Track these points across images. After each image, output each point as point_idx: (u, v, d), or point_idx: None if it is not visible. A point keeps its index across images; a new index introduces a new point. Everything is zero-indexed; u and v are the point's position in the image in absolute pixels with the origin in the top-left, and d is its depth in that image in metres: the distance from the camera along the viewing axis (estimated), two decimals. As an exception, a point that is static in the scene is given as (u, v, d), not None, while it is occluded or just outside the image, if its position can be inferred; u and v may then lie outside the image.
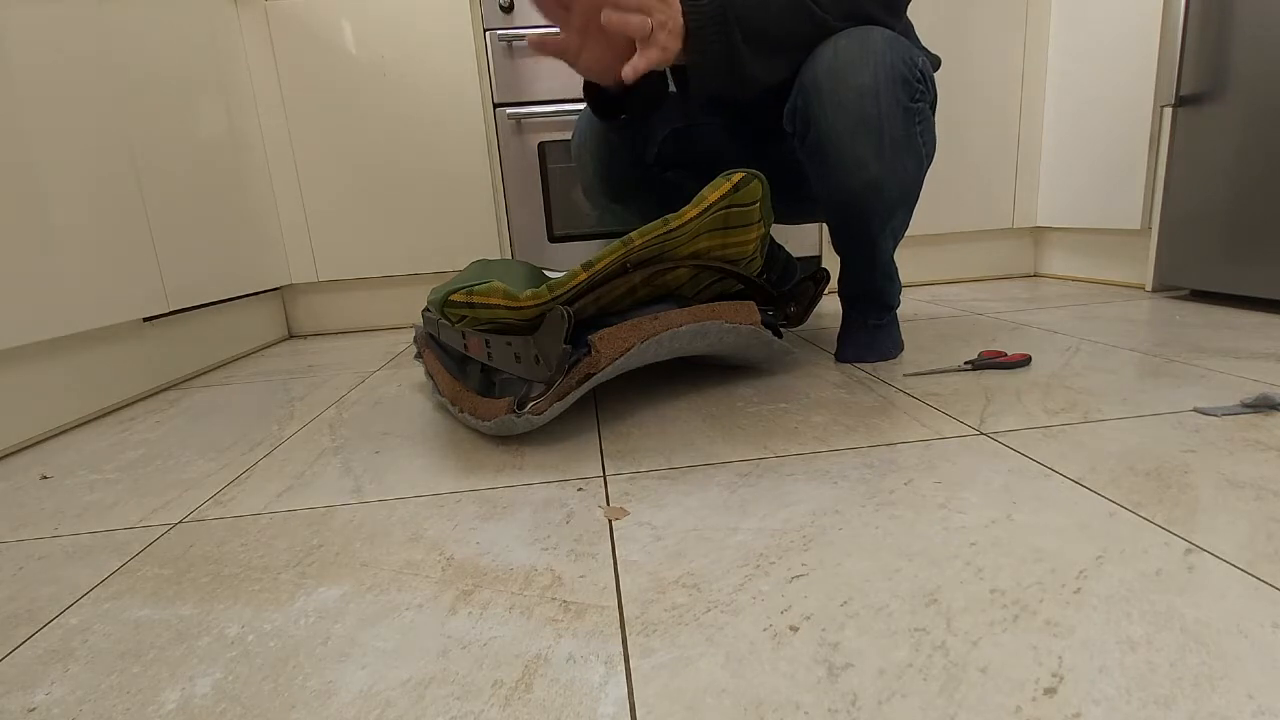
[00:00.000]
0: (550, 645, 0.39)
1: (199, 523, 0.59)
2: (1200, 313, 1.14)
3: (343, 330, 1.60)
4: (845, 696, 0.33)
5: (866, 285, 0.92)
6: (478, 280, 0.75)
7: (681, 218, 0.69)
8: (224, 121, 1.31)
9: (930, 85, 0.83)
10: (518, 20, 1.40)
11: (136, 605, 0.46)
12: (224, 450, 0.78)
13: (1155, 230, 1.31)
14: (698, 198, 0.70)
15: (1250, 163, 1.11)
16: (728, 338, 0.79)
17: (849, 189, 0.82)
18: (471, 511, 0.57)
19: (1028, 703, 0.32)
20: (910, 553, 0.45)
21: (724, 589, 0.43)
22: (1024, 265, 1.72)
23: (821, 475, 0.59)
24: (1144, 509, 0.49)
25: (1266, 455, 0.56)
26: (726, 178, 0.71)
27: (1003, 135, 1.57)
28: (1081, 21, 1.43)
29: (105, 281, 0.97)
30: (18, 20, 0.86)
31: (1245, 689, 0.32)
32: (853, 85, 0.76)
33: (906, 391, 0.80)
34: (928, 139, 0.85)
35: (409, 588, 0.46)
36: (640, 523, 0.53)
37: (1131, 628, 0.36)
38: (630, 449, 0.68)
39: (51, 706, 0.37)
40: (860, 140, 0.78)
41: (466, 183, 1.50)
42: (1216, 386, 0.75)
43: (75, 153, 0.93)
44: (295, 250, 1.50)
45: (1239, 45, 1.11)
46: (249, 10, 1.38)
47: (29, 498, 0.68)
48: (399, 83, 1.43)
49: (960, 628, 0.37)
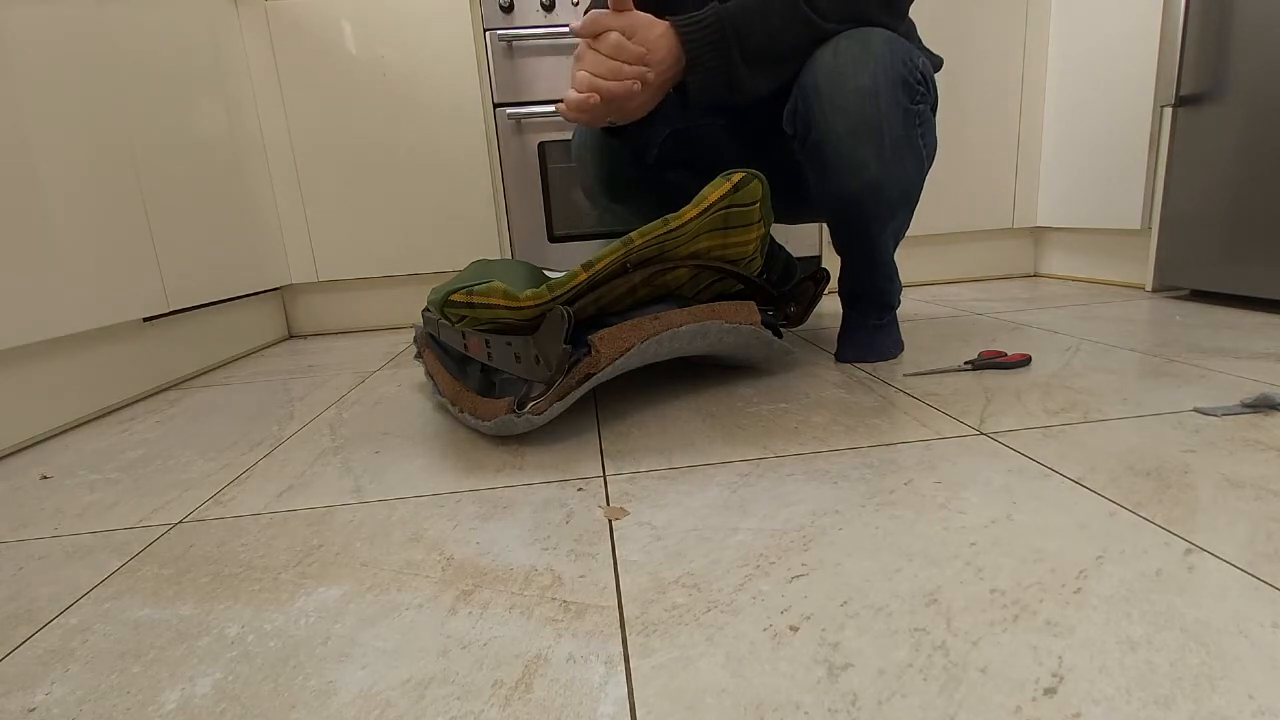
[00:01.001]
0: (550, 645, 0.39)
1: (199, 523, 0.59)
2: (1200, 313, 1.14)
3: (343, 330, 1.60)
4: (845, 696, 0.33)
5: (867, 285, 0.92)
6: (478, 280, 0.75)
7: (681, 218, 0.70)
8: (224, 121, 1.31)
9: (931, 87, 0.83)
10: (518, 20, 1.40)
11: (136, 605, 0.46)
12: (224, 450, 0.78)
13: (1155, 230, 1.31)
14: (698, 198, 0.71)
15: (1250, 163, 1.11)
16: (728, 338, 0.79)
17: (849, 190, 0.82)
18: (471, 511, 0.57)
19: (1028, 703, 0.32)
20: (910, 553, 0.45)
21: (724, 589, 0.43)
22: (1024, 265, 1.72)
23: (821, 475, 0.59)
24: (1144, 509, 0.49)
25: (1266, 455, 0.56)
26: (726, 178, 0.71)
27: (1003, 135, 1.57)
28: (1081, 21, 1.43)
29: (105, 281, 0.97)
30: (18, 20, 0.86)
31: (1245, 689, 0.32)
32: (853, 87, 0.76)
33: (906, 391, 0.80)
34: (928, 140, 0.84)
35: (409, 588, 0.46)
36: (640, 523, 0.53)
37: (1131, 628, 0.36)
38: (630, 449, 0.68)
39: (51, 706, 0.37)
40: (860, 142, 0.78)
41: (466, 182, 1.49)
42: (1216, 386, 0.75)
43: (75, 153, 0.93)
44: (295, 250, 1.50)
45: (1239, 45, 1.11)
46: (249, 10, 1.38)
47: (29, 498, 0.68)
48: (399, 83, 1.43)
49: (960, 628, 0.37)
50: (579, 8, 1.40)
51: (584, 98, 0.73)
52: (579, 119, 0.76)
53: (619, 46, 0.73)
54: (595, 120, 0.78)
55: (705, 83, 0.78)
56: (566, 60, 1.42)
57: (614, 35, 0.73)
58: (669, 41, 0.75)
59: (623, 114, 0.78)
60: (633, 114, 0.79)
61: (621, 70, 0.73)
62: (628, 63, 0.73)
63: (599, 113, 0.75)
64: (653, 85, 0.76)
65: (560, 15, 1.40)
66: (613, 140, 0.97)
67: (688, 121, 1.01)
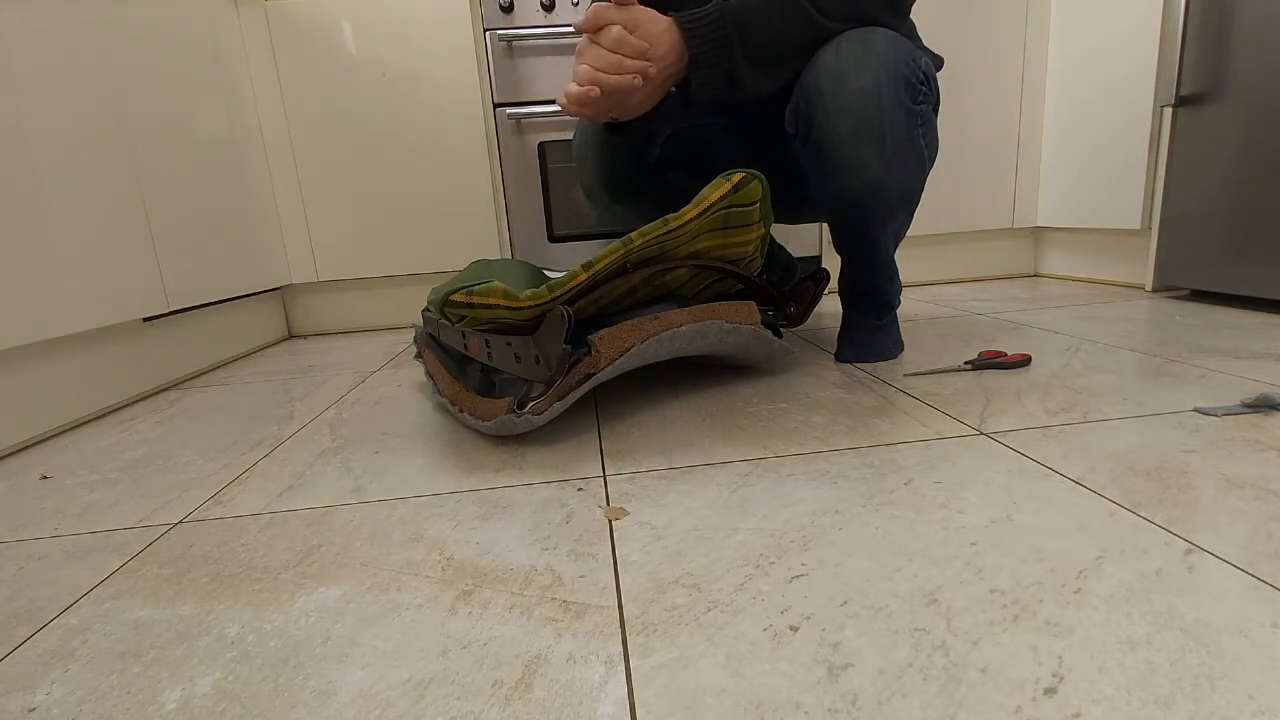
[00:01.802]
0: (550, 645, 0.39)
1: (199, 523, 0.59)
2: (1200, 313, 1.14)
3: (343, 330, 1.60)
4: (845, 696, 0.33)
5: (867, 285, 0.92)
6: (477, 280, 0.75)
7: (681, 218, 0.69)
8: (224, 121, 1.31)
9: (933, 86, 0.83)
10: (518, 20, 1.40)
11: (136, 605, 0.46)
12: (224, 450, 0.78)
13: (1155, 230, 1.31)
14: (698, 198, 0.71)
15: (1250, 163, 1.11)
16: (728, 338, 0.79)
17: (850, 190, 0.82)
18: (471, 511, 0.57)
19: (1028, 703, 0.32)
20: (910, 553, 0.45)
21: (724, 589, 0.43)
22: (1024, 265, 1.71)
23: (821, 475, 0.59)
24: (1144, 509, 0.49)
25: (1266, 455, 0.56)
26: (726, 178, 0.71)
27: (1003, 135, 1.57)
28: (1081, 21, 1.43)
29: (105, 281, 0.97)
30: (18, 21, 0.86)
31: (1245, 689, 0.32)
32: (855, 87, 0.76)
33: (906, 391, 0.80)
34: (930, 140, 0.84)
35: (409, 588, 0.46)
36: (640, 523, 0.53)
37: (1131, 628, 0.36)
38: (630, 449, 0.68)
39: (51, 706, 0.37)
40: (862, 142, 0.78)
41: (467, 182, 1.49)
42: (1216, 386, 0.75)
43: (75, 153, 0.93)
44: (295, 250, 1.50)
45: (1239, 45, 1.11)
46: (249, 10, 1.38)
47: (29, 498, 0.68)
48: (399, 82, 1.43)
49: (960, 628, 0.37)
50: (579, 8, 1.40)
51: (584, 90, 0.73)
52: (579, 113, 0.76)
53: (621, 40, 0.73)
54: (596, 115, 0.77)
55: (707, 79, 0.77)
56: (567, 60, 1.42)
57: (616, 29, 0.73)
58: (671, 37, 0.75)
59: (624, 109, 0.78)
60: (634, 109, 0.78)
61: (623, 64, 0.73)
62: (629, 57, 0.73)
63: (600, 107, 0.75)
64: (654, 80, 0.75)
65: (560, 15, 1.40)
66: (614, 137, 0.97)
67: (689, 120, 1.01)
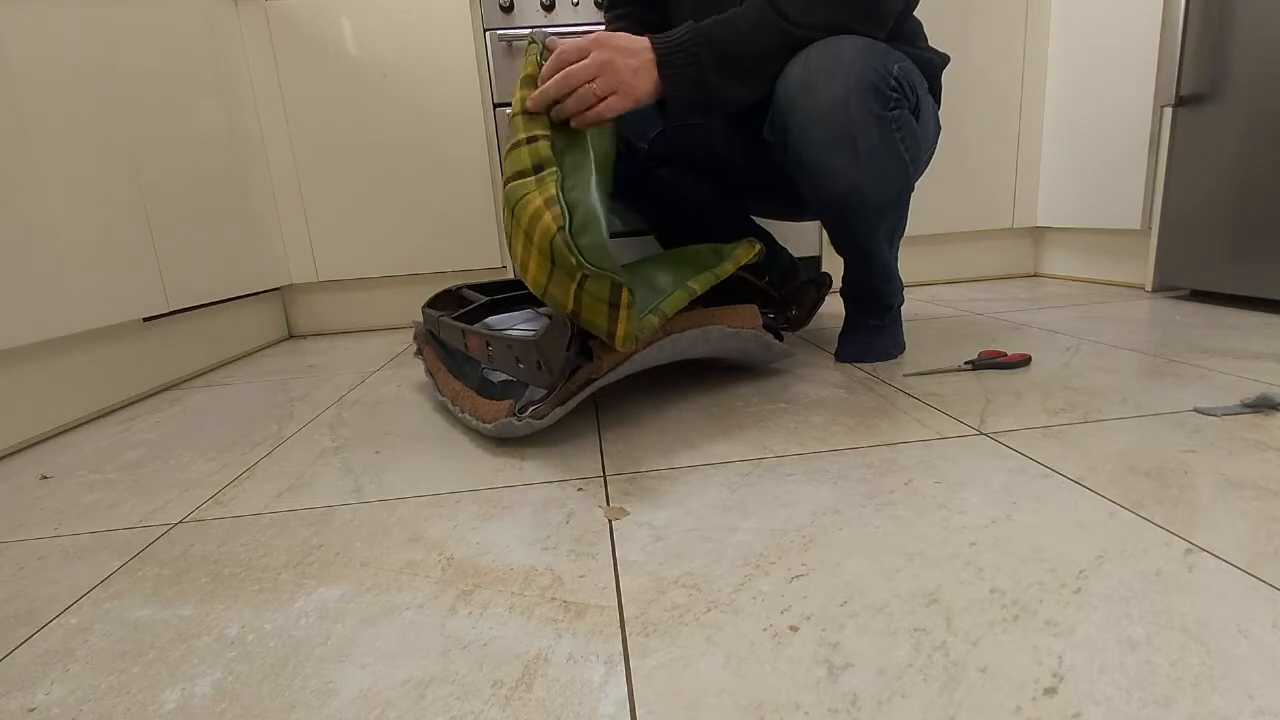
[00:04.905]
0: (550, 645, 0.39)
1: (199, 523, 0.59)
2: (1200, 313, 1.14)
3: (343, 330, 1.60)
4: (845, 696, 0.33)
5: (865, 286, 0.93)
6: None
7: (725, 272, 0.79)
8: (224, 121, 1.31)
9: (907, 90, 0.82)
10: (518, 20, 1.40)
11: (136, 605, 0.46)
12: (224, 450, 0.78)
13: (1155, 230, 1.31)
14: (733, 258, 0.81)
15: (1250, 163, 1.11)
16: (730, 342, 0.79)
17: (831, 195, 0.82)
18: (471, 511, 0.57)
19: (1028, 703, 0.32)
20: (910, 553, 0.45)
21: (724, 589, 0.43)
22: (1024, 265, 1.71)
23: (821, 475, 0.59)
24: (1144, 509, 0.49)
25: (1266, 455, 0.56)
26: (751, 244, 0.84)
27: (1003, 135, 1.57)
28: (1081, 22, 1.43)
29: (105, 281, 0.97)
30: (17, 21, 0.86)
31: (1245, 689, 0.32)
32: (822, 98, 0.76)
33: (906, 391, 0.80)
34: (911, 144, 0.83)
35: (409, 588, 0.46)
36: (640, 523, 0.53)
37: (1131, 628, 0.36)
38: (630, 449, 0.68)
39: (51, 706, 0.37)
40: (834, 151, 0.78)
41: (467, 183, 1.49)
42: (1216, 386, 0.75)
43: (75, 153, 0.93)
44: (295, 250, 1.50)
45: (1239, 45, 1.11)
46: (249, 10, 1.38)
47: (29, 498, 0.68)
48: (399, 83, 1.43)
49: (960, 628, 0.37)
50: (579, 8, 1.40)
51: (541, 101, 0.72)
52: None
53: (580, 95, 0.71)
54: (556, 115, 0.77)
55: (680, 94, 0.76)
56: (566, 60, 1.42)
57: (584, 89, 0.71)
58: (649, 71, 0.74)
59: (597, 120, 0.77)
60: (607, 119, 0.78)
61: (583, 98, 0.71)
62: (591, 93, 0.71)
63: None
64: (627, 101, 0.74)
65: (560, 15, 1.40)
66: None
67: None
